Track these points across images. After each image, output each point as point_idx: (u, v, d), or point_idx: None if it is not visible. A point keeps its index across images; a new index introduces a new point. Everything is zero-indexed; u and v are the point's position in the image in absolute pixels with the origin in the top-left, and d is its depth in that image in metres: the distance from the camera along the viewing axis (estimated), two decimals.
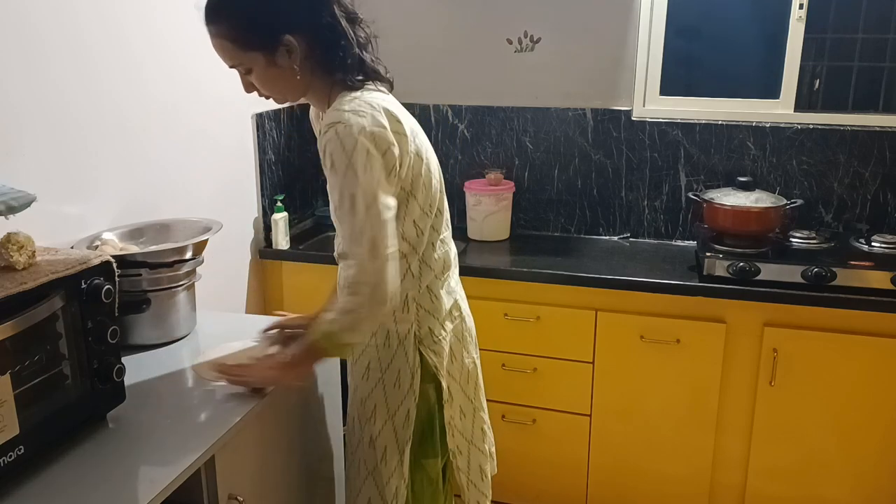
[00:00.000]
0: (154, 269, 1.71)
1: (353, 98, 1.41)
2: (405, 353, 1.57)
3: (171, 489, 1.23)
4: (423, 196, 1.51)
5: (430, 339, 1.58)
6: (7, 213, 1.30)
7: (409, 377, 1.57)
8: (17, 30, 1.62)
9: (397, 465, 1.59)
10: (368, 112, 1.39)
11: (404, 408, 1.58)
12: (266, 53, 1.41)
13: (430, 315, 1.58)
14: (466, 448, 1.71)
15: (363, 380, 1.61)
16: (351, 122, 1.36)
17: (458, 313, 1.67)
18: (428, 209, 1.53)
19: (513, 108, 2.83)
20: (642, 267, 2.48)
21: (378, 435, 1.59)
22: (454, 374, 1.65)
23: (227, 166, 2.46)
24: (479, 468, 1.75)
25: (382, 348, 1.58)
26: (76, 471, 1.26)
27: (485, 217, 2.75)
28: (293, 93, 1.51)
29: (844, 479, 2.33)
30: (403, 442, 1.59)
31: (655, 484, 2.49)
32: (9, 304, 1.18)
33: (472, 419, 1.73)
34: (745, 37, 2.70)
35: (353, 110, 1.38)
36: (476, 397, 1.73)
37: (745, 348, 2.31)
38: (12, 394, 1.19)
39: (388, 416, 1.59)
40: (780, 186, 2.64)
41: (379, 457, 1.60)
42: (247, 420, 1.45)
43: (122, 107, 1.94)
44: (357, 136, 1.35)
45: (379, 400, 1.59)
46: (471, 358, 1.71)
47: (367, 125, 1.37)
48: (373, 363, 1.59)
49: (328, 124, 1.37)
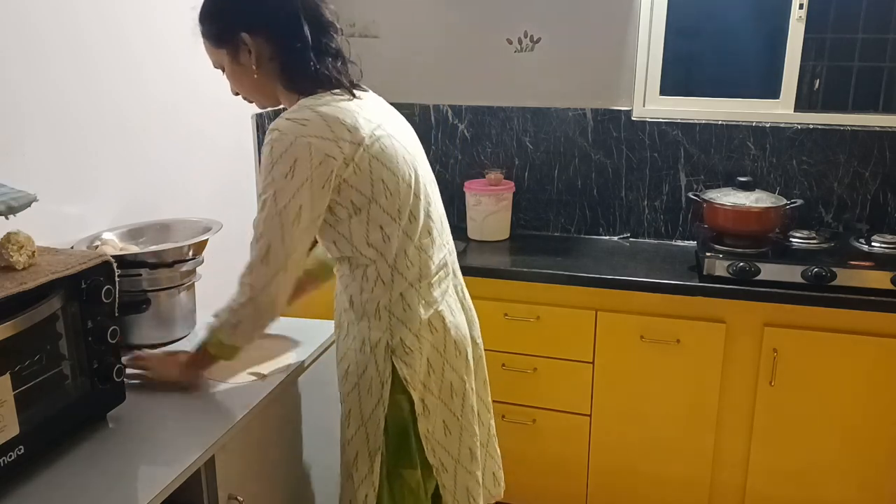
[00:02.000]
0: (154, 269, 1.71)
1: (301, 106, 1.41)
2: (375, 361, 1.53)
3: (171, 489, 1.23)
4: (387, 201, 1.45)
5: (401, 349, 1.52)
6: (7, 213, 1.30)
7: (380, 386, 1.53)
8: (17, 30, 1.62)
9: (367, 473, 1.56)
10: (312, 120, 1.38)
11: (375, 416, 1.54)
12: (230, 51, 1.47)
13: (403, 325, 1.52)
14: (452, 466, 1.63)
15: (343, 383, 1.59)
16: (288, 129, 1.37)
17: (441, 325, 1.58)
18: (396, 214, 1.47)
19: (513, 108, 2.83)
20: (642, 267, 2.48)
21: (351, 439, 1.57)
22: (431, 387, 1.58)
23: (226, 166, 2.46)
24: (465, 489, 1.66)
25: (359, 353, 1.55)
26: (76, 471, 1.26)
27: (485, 217, 2.75)
28: (262, 96, 1.53)
29: (845, 479, 2.33)
30: (374, 450, 1.55)
31: (655, 484, 2.49)
32: (9, 304, 1.18)
33: (459, 438, 1.64)
34: (745, 37, 2.70)
35: (294, 119, 1.38)
36: (464, 416, 1.63)
37: (744, 348, 2.31)
38: (12, 394, 1.19)
39: (361, 422, 1.56)
40: (780, 186, 2.64)
41: (351, 460, 1.58)
42: (247, 420, 1.45)
43: (122, 107, 1.94)
44: (289, 144, 1.36)
45: (354, 405, 1.56)
46: (458, 376, 1.61)
47: (305, 133, 1.36)
48: (351, 367, 1.56)
49: (269, 130, 1.40)
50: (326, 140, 1.37)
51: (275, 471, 1.63)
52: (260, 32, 1.44)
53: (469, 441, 1.65)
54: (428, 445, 1.58)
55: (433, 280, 1.57)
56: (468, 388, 1.64)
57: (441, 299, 1.59)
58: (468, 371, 1.65)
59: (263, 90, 1.51)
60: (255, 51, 1.45)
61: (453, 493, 1.64)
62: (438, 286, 1.59)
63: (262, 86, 1.50)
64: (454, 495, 1.64)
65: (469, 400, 1.64)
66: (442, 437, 1.61)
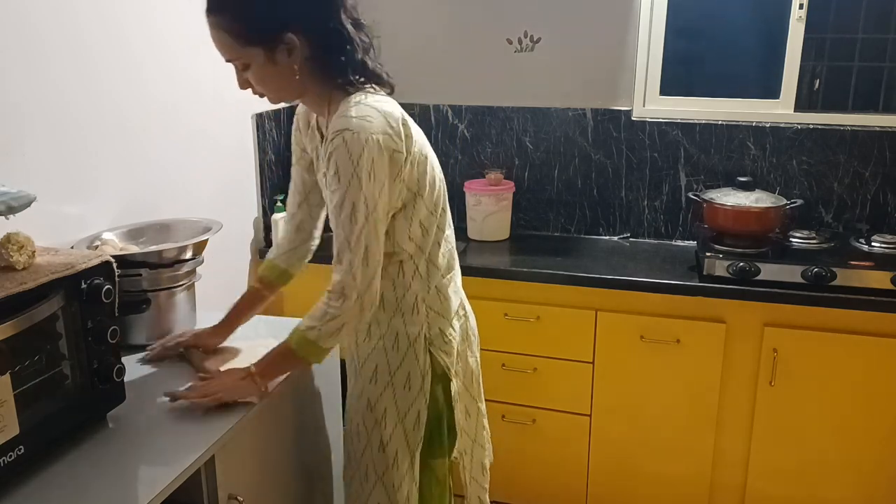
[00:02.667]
0: (154, 269, 1.71)
1: (359, 103, 1.40)
2: (415, 355, 1.56)
3: (171, 489, 1.23)
4: (428, 196, 1.51)
5: (440, 339, 1.57)
6: (7, 213, 1.30)
7: (420, 379, 1.56)
8: (17, 30, 1.62)
9: (408, 469, 1.58)
10: (375, 117, 1.38)
11: (414, 410, 1.57)
12: (266, 50, 1.39)
13: (440, 316, 1.58)
14: (471, 447, 1.72)
15: (371, 383, 1.58)
16: (359, 128, 1.36)
17: (464, 312, 1.68)
18: (433, 208, 1.54)
19: (513, 108, 2.83)
20: (642, 267, 2.48)
21: (389, 440, 1.57)
22: (460, 374, 1.65)
23: (227, 166, 2.46)
24: (479, 464, 1.76)
25: (391, 351, 1.56)
26: (76, 471, 1.26)
27: (485, 217, 2.75)
28: (289, 93, 1.49)
29: (844, 479, 2.33)
30: (414, 445, 1.58)
31: (655, 484, 2.49)
32: (9, 304, 1.18)
33: (476, 417, 1.74)
34: (745, 37, 2.70)
35: (360, 116, 1.37)
36: (478, 394, 1.75)
37: (744, 348, 2.31)
38: (12, 394, 1.19)
39: (398, 420, 1.57)
40: (780, 186, 2.64)
41: (390, 462, 1.58)
42: (247, 420, 1.45)
43: (122, 107, 1.94)
44: (364, 143, 1.35)
45: (389, 403, 1.57)
46: (474, 357, 1.72)
47: (375, 131, 1.37)
48: (381, 366, 1.57)
49: (336, 131, 1.37)
50: (391, 136, 1.39)
51: (275, 471, 1.63)
52: (303, 31, 1.40)
53: (481, 419, 1.76)
54: (459, 433, 1.63)
55: (456, 270, 1.65)
56: (478, 364, 1.74)
57: (461, 286, 1.68)
58: (478, 350, 1.75)
59: (293, 88, 1.47)
60: (298, 50, 1.40)
61: (469, 470, 1.72)
62: (459, 275, 1.68)
63: (295, 84, 1.45)
64: (470, 472, 1.72)
65: (479, 377, 1.74)
66: (464, 422, 1.67)
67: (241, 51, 1.40)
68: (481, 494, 1.79)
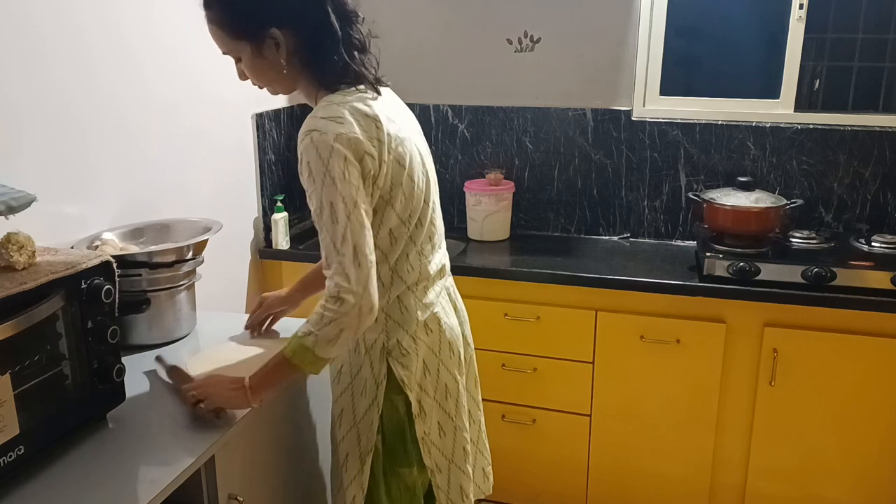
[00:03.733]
0: (154, 269, 1.71)
1: (330, 103, 1.39)
2: (370, 362, 1.53)
3: (171, 489, 1.23)
4: (401, 205, 1.46)
5: (398, 350, 1.52)
6: (7, 213, 1.30)
7: (374, 387, 1.53)
8: (17, 30, 1.62)
9: (356, 475, 1.56)
10: (345, 118, 1.36)
11: (368, 417, 1.54)
12: (252, 44, 1.41)
13: (399, 326, 1.52)
14: (446, 466, 1.63)
15: (335, 383, 1.60)
16: (326, 128, 1.34)
17: (437, 326, 1.58)
18: (406, 219, 1.48)
19: (513, 108, 2.83)
20: (642, 267, 2.48)
21: (342, 440, 1.57)
22: (427, 388, 1.57)
23: (227, 166, 2.46)
24: (459, 488, 1.66)
25: (353, 354, 1.55)
26: (76, 471, 1.26)
27: (485, 217, 2.75)
28: (281, 86, 1.49)
29: (844, 479, 2.33)
30: (366, 451, 1.55)
31: (655, 484, 2.49)
32: (9, 304, 1.18)
33: (454, 438, 1.64)
34: (745, 37, 2.70)
35: (328, 116, 1.36)
36: (458, 416, 1.63)
37: (745, 348, 2.31)
38: (12, 394, 1.19)
39: (353, 423, 1.56)
40: (780, 186, 2.64)
41: (340, 462, 1.57)
42: (247, 420, 1.45)
43: (122, 107, 1.94)
44: (333, 142, 1.33)
45: (346, 405, 1.56)
46: (450, 375, 1.61)
47: (344, 131, 1.34)
48: (344, 368, 1.57)
49: (304, 132, 1.36)
50: (359, 138, 1.36)
51: (275, 471, 1.63)
52: (289, 26, 1.40)
53: (462, 440, 1.65)
54: (424, 447, 1.58)
55: (430, 284, 1.57)
56: (461, 388, 1.64)
57: (436, 301, 1.59)
58: (461, 371, 1.64)
59: (284, 81, 1.48)
60: (284, 45, 1.41)
61: (447, 492, 1.64)
62: (433, 289, 1.59)
63: (285, 77, 1.46)
64: (448, 494, 1.65)
65: (462, 400, 1.64)
66: (437, 438, 1.60)
67: (231, 44, 1.43)
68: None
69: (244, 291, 2.63)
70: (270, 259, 2.66)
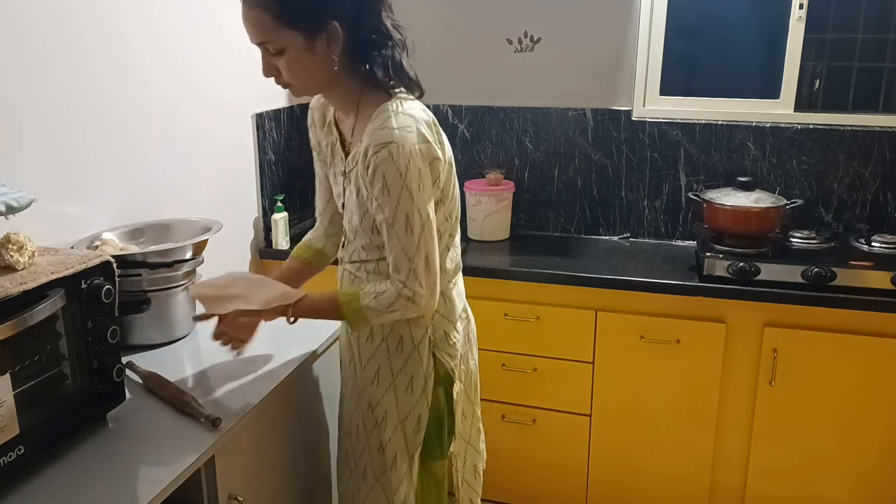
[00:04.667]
0: (154, 269, 1.71)
1: (397, 113, 1.39)
2: (419, 357, 1.55)
3: (171, 489, 1.23)
4: (448, 202, 1.52)
5: (444, 342, 1.57)
6: (7, 213, 1.30)
7: (423, 381, 1.55)
8: (17, 30, 1.62)
9: (407, 472, 1.58)
10: (414, 127, 1.38)
11: (415, 413, 1.56)
12: (307, 36, 1.35)
13: (445, 319, 1.58)
14: (464, 449, 1.71)
15: (373, 385, 1.58)
16: (403, 140, 1.35)
17: (466, 315, 1.68)
18: (448, 215, 1.54)
19: (513, 108, 2.83)
20: (642, 267, 2.48)
21: (388, 441, 1.57)
22: (462, 377, 1.65)
23: (227, 166, 2.46)
24: (473, 467, 1.76)
25: (395, 353, 1.55)
26: (76, 471, 1.26)
27: (485, 217, 2.75)
28: (319, 85, 1.46)
29: (844, 479, 2.33)
30: (413, 448, 1.58)
31: (655, 484, 2.49)
32: (9, 304, 1.18)
33: (472, 420, 1.73)
34: (745, 37, 2.70)
35: (401, 127, 1.37)
36: (476, 398, 1.74)
37: (745, 348, 2.31)
38: (12, 394, 1.19)
39: (399, 422, 1.57)
40: (780, 186, 2.64)
41: (389, 464, 1.57)
42: (247, 420, 1.45)
43: (122, 107, 1.94)
44: (409, 155, 1.35)
45: (390, 406, 1.56)
46: (474, 360, 1.72)
47: (417, 142, 1.37)
48: (383, 368, 1.56)
49: (380, 144, 1.35)
50: (429, 144, 1.40)
51: (275, 471, 1.63)
52: (349, 22, 1.37)
53: (477, 421, 1.76)
54: (457, 434, 1.64)
55: (460, 274, 1.67)
56: (477, 366, 1.74)
57: (464, 291, 1.68)
58: (477, 352, 1.75)
59: (325, 80, 1.43)
60: (338, 41, 1.37)
61: (462, 473, 1.71)
62: (461, 280, 1.68)
63: (329, 76, 1.41)
64: (462, 475, 1.71)
65: (477, 379, 1.75)
66: (461, 424, 1.66)
67: (278, 33, 1.34)
68: (473, 497, 1.78)
69: None
70: (270, 259, 2.66)
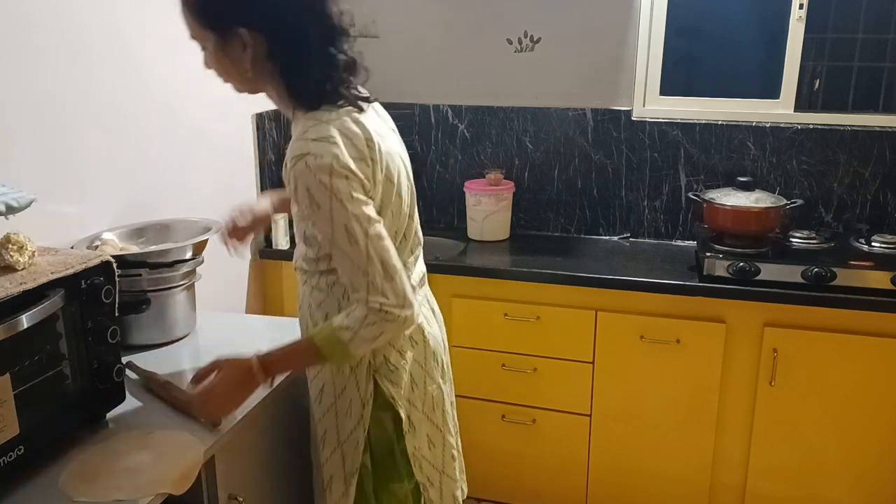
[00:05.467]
0: (154, 269, 1.71)
1: (318, 122, 1.30)
2: (356, 381, 1.47)
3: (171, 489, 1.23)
4: (389, 223, 1.38)
5: (385, 367, 1.47)
6: (7, 213, 1.30)
7: (360, 406, 1.48)
8: (16, 30, 1.62)
9: (342, 497, 1.51)
10: (338, 138, 1.28)
11: (354, 437, 1.49)
12: (218, 38, 1.32)
13: (387, 344, 1.45)
14: (438, 478, 1.60)
15: (316, 404, 1.53)
16: (320, 151, 1.26)
17: (421, 338, 1.53)
18: (393, 236, 1.38)
19: (513, 108, 2.83)
20: (642, 267, 2.48)
21: (325, 462, 1.52)
22: (416, 402, 1.53)
23: (226, 166, 2.46)
24: (451, 497, 1.63)
25: (336, 374, 1.48)
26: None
27: (485, 217, 2.75)
28: (245, 86, 1.41)
29: (844, 479, 2.33)
30: (351, 472, 1.50)
31: (655, 484, 2.49)
32: (9, 304, 1.18)
33: (442, 447, 1.60)
34: (745, 37, 2.70)
35: (319, 138, 1.28)
36: (444, 424, 1.60)
37: (745, 348, 2.31)
38: (12, 394, 1.19)
39: (337, 444, 1.50)
40: (780, 186, 2.64)
41: (325, 484, 1.53)
42: (247, 420, 1.45)
43: (121, 107, 1.94)
44: (330, 164, 1.26)
45: (330, 426, 1.51)
46: (435, 384, 1.57)
47: (338, 152, 1.27)
48: (326, 387, 1.50)
49: (296, 156, 1.27)
50: (355, 158, 1.29)
51: (275, 471, 1.63)
52: (261, 31, 1.30)
53: (450, 448, 1.62)
54: (415, 463, 1.53)
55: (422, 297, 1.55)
56: (445, 396, 1.61)
57: (420, 311, 1.52)
58: (444, 378, 1.61)
59: (248, 83, 1.39)
60: (253, 50, 1.31)
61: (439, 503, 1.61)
62: (426, 303, 1.57)
63: (249, 80, 1.37)
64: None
65: (447, 407, 1.62)
66: (427, 451, 1.57)
67: (197, 31, 1.34)
68: None
69: (244, 291, 2.63)
70: (270, 259, 2.66)
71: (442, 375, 1.60)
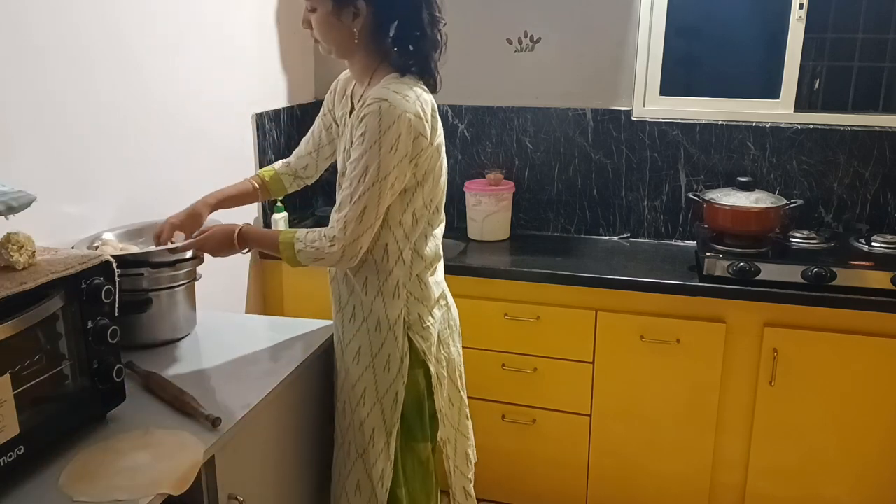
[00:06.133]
0: (154, 268, 1.71)
1: (402, 82, 1.51)
2: (395, 337, 1.62)
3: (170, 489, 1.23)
4: (429, 189, 1.60)
5: (418, 325, 1.64)
6: (7, 213, 1.30)
7: (399, 361, 1.62)
8: (16, 30, 1.62)
9: (384, 448, 1.64)
10: (412, 98, 1.48)
11: (392, 391, 1.63)
12: (335, 4, 1.50)
13: (420, 302, 1.64)
14: (454, 436, 1.77)
15: (354, 363, 1.66)
16: (396, 102, 1.46)
17: (445, 302, 1.74)
18: (429, 203, 1.62)
19: (513, 108, 2.83)
20: (642, 267, 2.48)
21: (367, 417, 1.64)
22: (442, 361, 1.71)
23: (227, 166, 2.45)
24: (464, 454, 1.81)
25: (373, 333, 1.63)
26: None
27: (485, 217, 2.75)
28: (341, 51, 1.57)
29: (844, 479, 2.33)
30: (391, 425, 1.64)
31: (655, 484, 2.49)
32: (9, 304, 1.18)
33: (459, 407, 1.79)
34: (745, 37, 2.70)
35: (399, 92, 1.47)
36: (461, 386, 1.80)
37: (745, 348, 2.31)
38: (12, 394, 1.19)
39: (376, 399, 1.63)
40: (780, 186, 2.64)
41: (367, 439, 1.64)
42: (247, 420, 1.45)
43: (122, 107, 1.94)
44: (396, 117, 1.45)
45: (369, 383, 1.64)
46: (456, 347, 1.77)
47: (409, 110, 1.47)
48: (363, 347, 1.64)
49: (375, 98, 1.46)
50: (421, 119, 1.49)
51: (275, 471, 1.63)
52: (377, 6, 1.51)
53: (465, 408, 1.82)
54: (441, 419, 1.70)
55: (440, 264, 1.73)
56: (461, 356, 1.80)
57: (442, 279, 1.75)
58: (460, 342, 1.81)
59: (345, 49, 1.56)
60: (363, 19, 1.51)
61: (454, 460, 1.77)
62: (441, 269, 1.75)
63: (347, 46, 1.55)
64: (454, 462, 1.77)
65: (461, 368, 1.80)
66: (448, 410, 1.72)
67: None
68: (466, 485, 1.83)
69: (244, 291, 2.63)
70: (270, 259, 2.66)
71: (459, 341, 1.80)
